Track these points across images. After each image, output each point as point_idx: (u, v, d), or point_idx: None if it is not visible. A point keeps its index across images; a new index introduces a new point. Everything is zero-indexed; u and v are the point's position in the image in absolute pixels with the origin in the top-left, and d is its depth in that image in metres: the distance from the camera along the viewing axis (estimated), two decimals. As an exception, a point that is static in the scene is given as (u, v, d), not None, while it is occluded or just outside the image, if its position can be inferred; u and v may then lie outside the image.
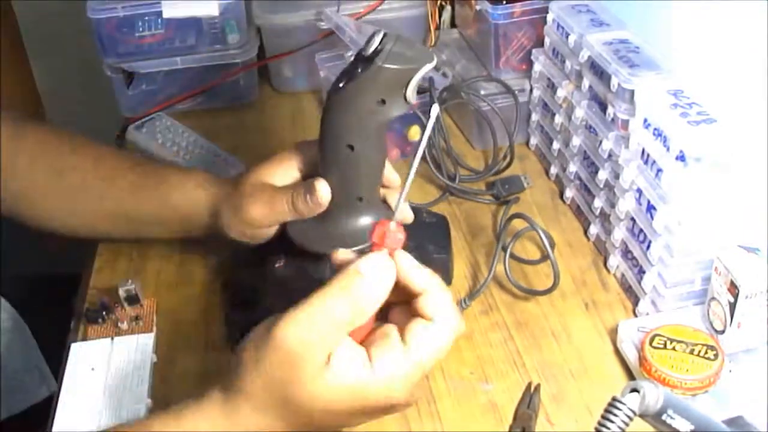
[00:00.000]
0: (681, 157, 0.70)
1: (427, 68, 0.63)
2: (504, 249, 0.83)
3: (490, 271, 0.81)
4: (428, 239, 0.82)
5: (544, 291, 0.81)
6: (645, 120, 0.75)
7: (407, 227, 0.71)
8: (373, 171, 0.69)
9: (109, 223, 0.85)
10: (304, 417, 0.55)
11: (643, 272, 0.78)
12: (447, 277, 0.84)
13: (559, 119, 0.95)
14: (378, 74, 0.62)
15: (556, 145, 0.97)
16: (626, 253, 0.82)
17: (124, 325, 0.80)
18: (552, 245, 0.80)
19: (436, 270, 0.79)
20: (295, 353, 0.53)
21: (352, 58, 0.65)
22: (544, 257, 0.86)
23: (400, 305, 0.58)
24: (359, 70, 0.63)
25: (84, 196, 0.84)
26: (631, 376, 0.73)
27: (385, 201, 0.74)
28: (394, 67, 0.62)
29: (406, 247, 0.75)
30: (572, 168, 0.93)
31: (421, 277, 0.56)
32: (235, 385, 0.55)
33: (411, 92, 0.63)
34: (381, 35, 0.62)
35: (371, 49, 0.62)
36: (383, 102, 0.64)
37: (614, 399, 0.46)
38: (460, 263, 0.87)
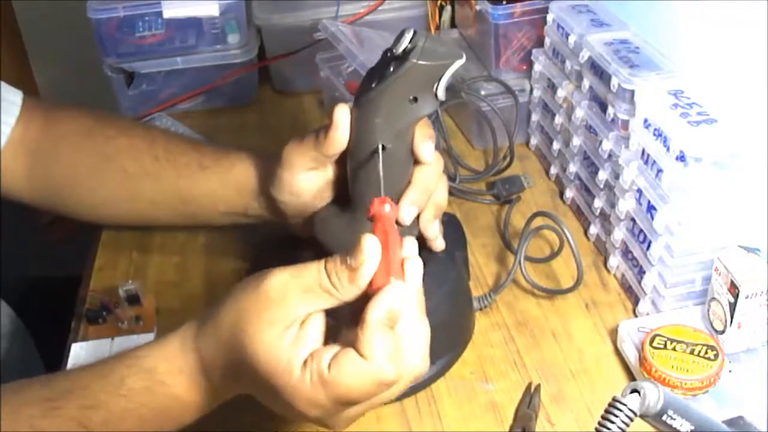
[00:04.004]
0: (681, 158, 0.70)
1: (458, 64, 0.62)
2: (518, 250, 0.81)
3: (512, 268, 0.80)
4: (448, 239, 0.82)
5: (567, 289, 0.81)
6: (645, 120, 0.75)
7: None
8: (404, 172, 0.68)
9: (164, 208, 0.82)
10: (239, 365, 0.54)
11: (643, 272, 0.78)
12: (467, 275, 0.84)
13: (559, 119, 0.95)
14: (412, 71, 0.61)
15: (556, 146, 0.97)
16: (626, 253, 0.82)
17: (124, 325, 0.80)
18: (570, 244, 0.79)
19: (458, 268, 0.80)
20: (268, 297, 0.53)
21: (379, 59, 0.65)
22: (551, 255, 0.86)
23: None
24: (391, 69, 0.62)
25: (139, 178, 0.81)
26: (631, 377, 0.73)
27: None
28: (428, 63, 0.61)
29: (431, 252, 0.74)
30: (572, 168, 0.93)
31: (390, 300, 0.52)
32: (209, 314, 0.56)
33: (442, 89, 0.63)
34: (411, 33, 0.62)
35: (402, 47, 0.62)
36: (415, 100, 0.63)
37: (615, 399, 0.46)
38: (461, 263, 0.87)
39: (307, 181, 0.71)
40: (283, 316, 0.53)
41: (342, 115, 0.66)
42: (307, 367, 0.52)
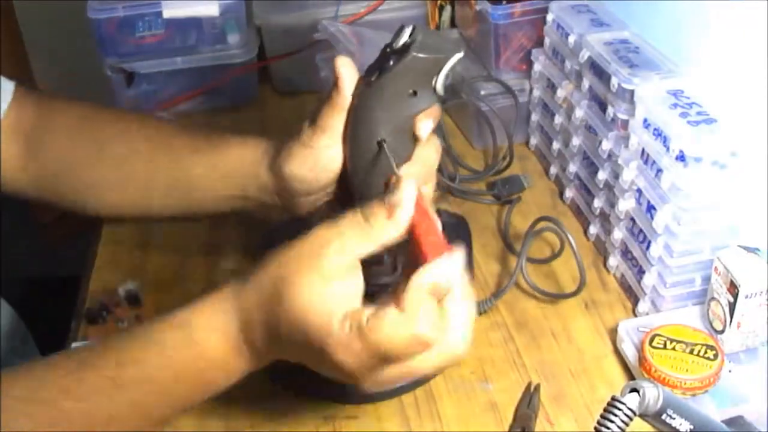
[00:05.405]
0: (681, 157, 0.71)
1: (457, 57, 0.62)
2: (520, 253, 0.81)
3: (514, 273, 0.80)
4: (449, 241, 0.81)
5: (570, 294, 0.81)
6: (645, 120, 0.75)
7: None
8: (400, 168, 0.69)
9: (158, 193, 0.80)
10: (280, 318, 0.55)
11: (643, 272, 0.78)
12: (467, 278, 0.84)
13: (558, 119, 0.95)
14: (412, 64, 0.62)
15: (555, 145, 0.97)
16: (626, 253, 0.82)
17: (124, 325, 0.80)
18: (573, 250, 0.79)
19: None
20: (310, 248, 0.55)
21: (379, 54, 0.65)
22: (552, 256, 0.86)
23: None
24: (391, 63, 0.62)
25: (132, 161, 0.80)
26: (630, 376, 0.73)
27: None
28: (428, 56, 0.62)
29: None
30: (572, 168, 0.93)
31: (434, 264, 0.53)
32: (250, 273, 0.57)
33: (440, 83, 0.63)
34: (411, 28, 0.62)
35: (402, 41, 0.62)
36: (415, 94, 0.63)
37: (614, 399, 0.46)
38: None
39: (327, 157, 0.68)
40: (324, 265, 0.54)
41: (343, 63, 0.65)
42: (347, 319, 0.53)
